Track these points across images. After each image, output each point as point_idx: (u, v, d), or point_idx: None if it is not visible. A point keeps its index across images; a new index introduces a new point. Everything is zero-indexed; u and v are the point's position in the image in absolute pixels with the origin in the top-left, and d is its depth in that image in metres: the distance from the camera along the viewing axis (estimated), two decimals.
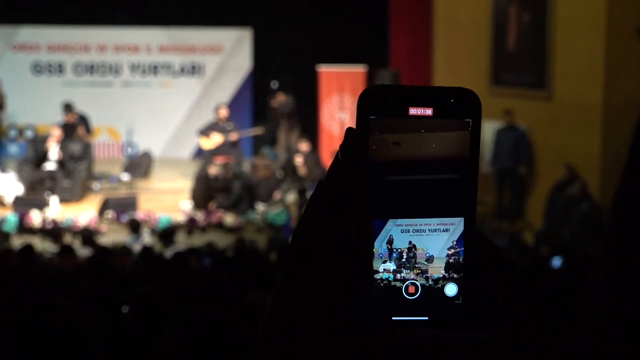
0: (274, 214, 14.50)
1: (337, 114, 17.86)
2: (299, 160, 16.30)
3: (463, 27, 16.74)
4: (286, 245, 10.56)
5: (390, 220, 0.97)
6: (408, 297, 0.98)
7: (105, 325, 4.51)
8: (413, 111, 0.96)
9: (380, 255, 0.96)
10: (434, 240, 0.97)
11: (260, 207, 14.84)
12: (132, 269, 8.75)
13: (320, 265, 0.96)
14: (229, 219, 14.36)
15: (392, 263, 0.97)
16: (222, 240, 13.50)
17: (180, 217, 14.43)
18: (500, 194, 15.03)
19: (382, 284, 0.98)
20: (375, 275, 0.97)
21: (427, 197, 0.97)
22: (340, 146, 0.97)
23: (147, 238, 13.33)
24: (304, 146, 16.53)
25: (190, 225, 14.32)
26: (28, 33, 20.37)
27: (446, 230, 0.97)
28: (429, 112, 0.96)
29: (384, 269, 0.97)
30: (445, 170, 0.97)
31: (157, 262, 9.20)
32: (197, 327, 3.78)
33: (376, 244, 0.97)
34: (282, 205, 14.89)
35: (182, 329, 3.82)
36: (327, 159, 16.34)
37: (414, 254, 0.97)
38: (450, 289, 0.98)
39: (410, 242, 0.97)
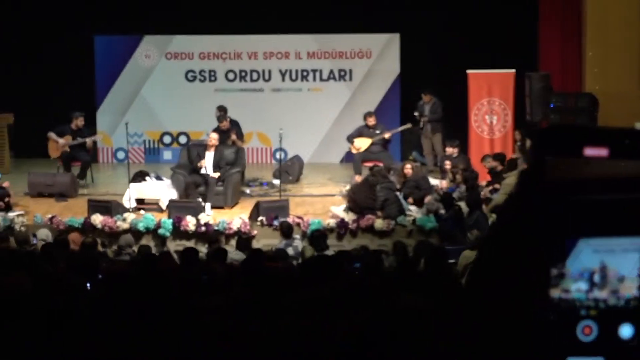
0: (424, 217, 14.42)
1: (487, 118, 17.67)
2: (447, 164, 16.24)
3: (614, 29, 16.41)
4: (437, 251, 10.53)
5: (581, 239, 0.93)
6: (583, 338, 0.98)
7: (267, 328, 4.61)
8: (588, 151, 0.95)
9: (572, 275, 0.93)
10: (626, 259, 0.92)
11: (411, 210, 14.78)
12: (289, 272, 8.86)
13: (500, 294, 0.99)
14: (379, 222, 14.36)
15: (584, 283, 0.93)
16: (372, 244, 13.55)
17: (330, 221, 14.52)
18: None
19: (569, 305, 0.94)
20: (566, 296, 0.96)
21: (617, 216, 0.94)
22: (516, 186, 1.00)
23: (298, 242, 13.43)
24: (451, 150, 16.49)
25: (341, 229, 14.39)
26: (181, 42, 20.83)
27: (638, 250, 0.92)
28: (604, 152, 0.95)
29: (576, 289, 0.93)
30: (634, 189, 0.94)
31: (312, 266, 9.29)
32: (361, 331, 3.85)
33: (568, 263, 0.93)
34: (429, 209, 14.80)
35: (345, 332, 3.89)
36: (476, 164, 16.18)
37: (605, 273, 0.92)
38: (626, 331, 0.96)
39: (601, 262, 0.92)
